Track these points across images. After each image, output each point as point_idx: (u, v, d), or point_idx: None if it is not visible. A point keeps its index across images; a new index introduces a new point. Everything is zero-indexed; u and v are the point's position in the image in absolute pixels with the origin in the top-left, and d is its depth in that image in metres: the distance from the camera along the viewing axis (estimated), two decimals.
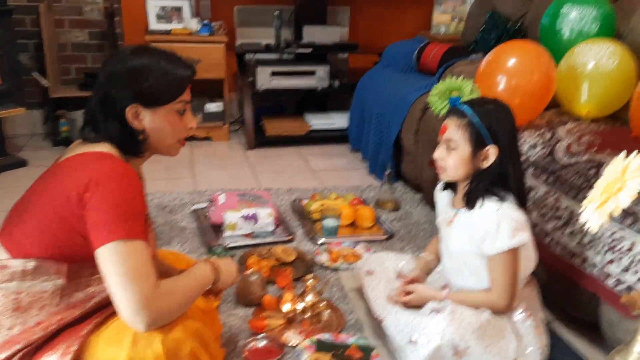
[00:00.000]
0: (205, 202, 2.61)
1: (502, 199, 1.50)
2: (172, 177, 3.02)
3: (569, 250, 1.69)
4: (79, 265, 1.22)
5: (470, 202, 1.53)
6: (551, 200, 1.79)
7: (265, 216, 2.34)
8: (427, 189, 2.53)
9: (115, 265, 1.14)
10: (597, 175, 1.63)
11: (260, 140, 3.60)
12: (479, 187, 1.51)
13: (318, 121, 3.69)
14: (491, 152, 1.49)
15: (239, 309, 1.83)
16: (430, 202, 1.83)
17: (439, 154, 1.54)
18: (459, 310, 1.49)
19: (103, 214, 1.15)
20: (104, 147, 1.26)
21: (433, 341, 1.43)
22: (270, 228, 2.35)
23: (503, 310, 1.51)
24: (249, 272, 1.91)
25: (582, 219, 1.32)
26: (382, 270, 1.80)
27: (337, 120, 3.70)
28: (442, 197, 1.70)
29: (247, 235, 2.32)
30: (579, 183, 1.70)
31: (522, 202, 1.54)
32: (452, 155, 1.51)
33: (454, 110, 1.53)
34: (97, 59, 3.64)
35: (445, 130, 1.53)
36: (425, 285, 1.68)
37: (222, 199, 2.46)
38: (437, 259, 1.76)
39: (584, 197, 1.37)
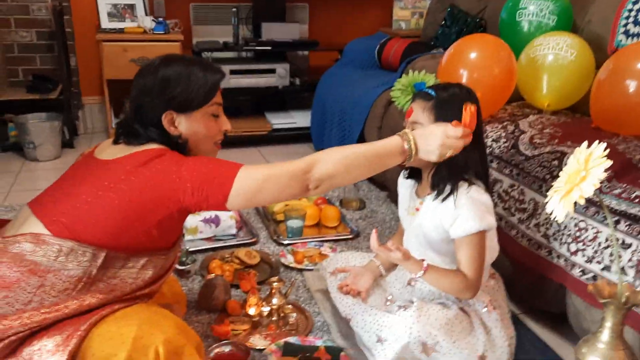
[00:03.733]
0: None
1: (470, 182, 1.48)
2: None
3: (534, 242, 1.69)
4: (115, 254, 1.23)
5: (437, 186, 1.50)
6: (515, 192, 1.78)
7: (227, 219, 2.27)
8: (392, 186, 2.51)
9: (253, 183, 1.24)
10: (560, 167, 1.63)
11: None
12: (446, 171, 1.48)
13: (279, 120, 3.63)
14: None
15: (202, 315, 1.76)
16: (395, 200, 1.80)
17: None
18: (426, 306, 1.47)
19: (204, 169, 1.23)
20: (155, 146, 1.29)
21: (400, 339, 1.41)
22: (233, 231, 2.28)
23: (473, 290, 1.47)
24: (211, 276, 1.84)
25: (548, 209, 1.31)
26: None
27: (299, 119, 3.64)
28: (405, 186, 1.68)
29: (209, 239, 2.24)
30: (543, 175, 1.70)
31: (487, 186, 1.53)
32: None
33: (420, 94, 1.52)
34: (45, 60, 3.49)
35: (411, 113, 1.51)
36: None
37: None
38: (388, 268, 1.73)
39: (548, 189, 1.36)
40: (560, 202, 1.27)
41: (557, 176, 1.33)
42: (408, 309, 1.47)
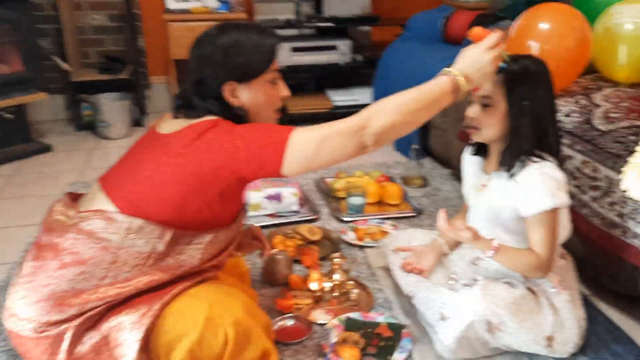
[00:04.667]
0: None
1: (542, 158, 1.43)
2: None
3: (608, 221, 1.61)
4: (182, 233, 1.26)
5: (508, 162, 1.45)
6: (588, 170, 1.70)
7: (289, 195, 2.29)
8: (456, 163, 2.45)
9: (308, 146, 1.23)
10: (637, 142, 1.54)
11: (282, 119, 3.52)
12: (517, 146, 1.43)
13: (341, 98, 3.61)
14: (527, 109, 1.41)
15: (266, 289, 1.80)
16: (459, 178, 1.76)
17: (472, 112, 1.47)
18: (491, 285, 1.44)
19: (257, 136, 1.23)
20: (210, 117, 1.29)
21: (465, 317, 1.40)
22: (295, 207, 2.31)
23: (544, 269, 1.43)
24: (274, 251, 1.88)
25: (623, 186, 1.25)
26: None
27: (361, 96, 3.61)
28: (471, 163, 1.64)
29: (272, 215, 2.28)
30: (618, 151, 1.61)
31: (559, 162, 1.47)
32: (487, 113, 1.44)
33: None
34: (116, 42, 3.62)
35: (479, 87, 1.45)
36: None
37: None
38: (452, 246, 1.69)
39: (623, 165, 1.29)
40: (637, 179, 1.21)
41: (634, 152, 1.26)
42: (473, 287, 1.45)
